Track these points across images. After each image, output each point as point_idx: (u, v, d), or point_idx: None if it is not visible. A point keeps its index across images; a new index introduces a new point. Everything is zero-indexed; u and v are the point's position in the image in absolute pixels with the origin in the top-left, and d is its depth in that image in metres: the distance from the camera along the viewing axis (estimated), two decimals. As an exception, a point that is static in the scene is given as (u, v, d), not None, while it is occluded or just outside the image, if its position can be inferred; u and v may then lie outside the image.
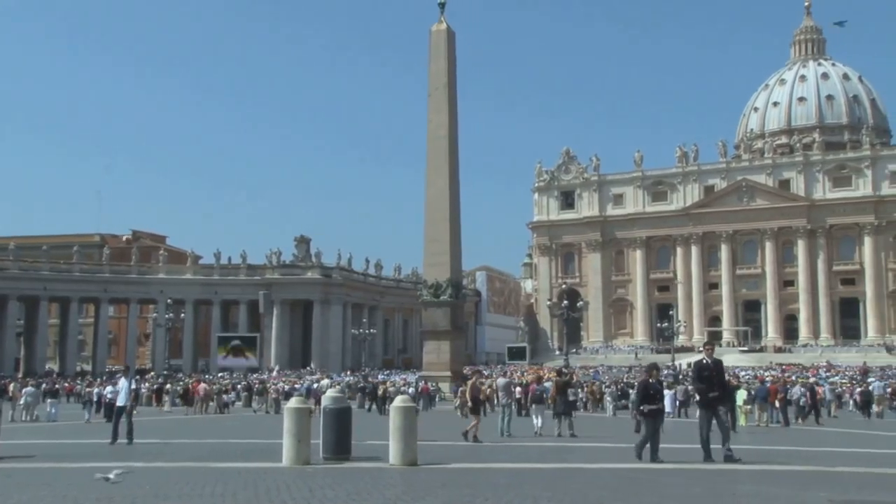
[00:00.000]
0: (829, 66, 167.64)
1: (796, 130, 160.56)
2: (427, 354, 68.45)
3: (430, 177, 68.19)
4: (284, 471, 16.12)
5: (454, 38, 69.96)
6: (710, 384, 18.72)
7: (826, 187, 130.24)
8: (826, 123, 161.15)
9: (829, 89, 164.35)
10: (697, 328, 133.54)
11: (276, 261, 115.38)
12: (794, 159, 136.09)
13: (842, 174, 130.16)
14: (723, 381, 19.42)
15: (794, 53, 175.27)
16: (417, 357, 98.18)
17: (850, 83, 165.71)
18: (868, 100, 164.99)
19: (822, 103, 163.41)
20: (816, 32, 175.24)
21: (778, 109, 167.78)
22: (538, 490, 13.51)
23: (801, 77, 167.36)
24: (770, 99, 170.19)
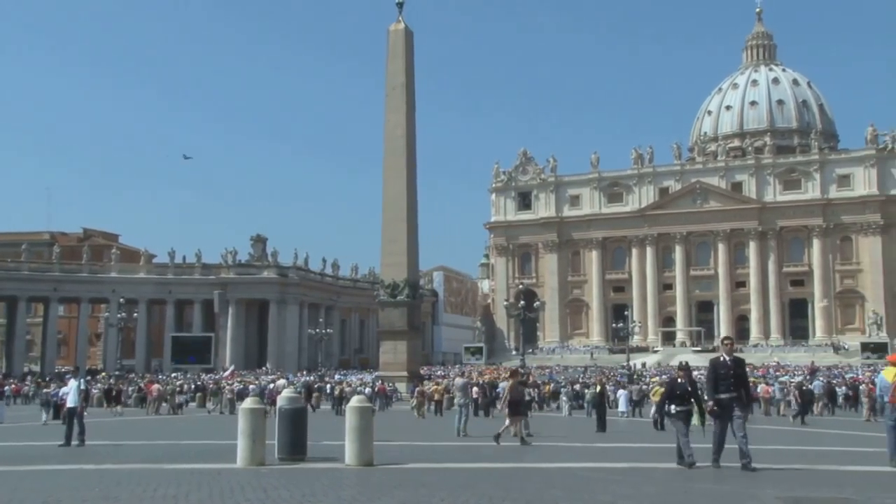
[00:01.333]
0: (779, 72, 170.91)
1: (748, 134, 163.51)
2: (384, 354, 68.35)
3: (387, 177, 68.11)
4: (239, 472, 15.97)
5: (412, 37, 69.91)
6: (727, 386, 16.48)
7: (777, 190, 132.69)
8: (777, 127, 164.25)
9: (779, 94, 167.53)
10: (652, 328, 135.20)
11: (231, 260, 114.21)
12: (746, 162, 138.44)
13: (791, 177, 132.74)
14: (744, 381, 17.04)
15: (747, 58, 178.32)
16: (374, 357, 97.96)
17: (800, 88, 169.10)
18: (816, 105, 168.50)
19: (774, 108, 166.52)
20: (767, 38, 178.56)
21: (731, 113, 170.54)
22: (494, 490, 13.57)
23: (753, 81, 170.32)
24: (723, 102, 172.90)
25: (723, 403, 16.42)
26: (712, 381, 16.74)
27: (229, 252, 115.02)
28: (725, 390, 16.42)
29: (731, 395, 16.41)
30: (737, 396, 16.48)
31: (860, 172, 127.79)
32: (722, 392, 16.46)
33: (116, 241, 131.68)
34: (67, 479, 15.57)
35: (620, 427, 36.53)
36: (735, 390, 16.47)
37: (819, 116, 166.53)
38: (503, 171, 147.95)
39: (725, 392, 16.42)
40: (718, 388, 16.54)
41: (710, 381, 16.84)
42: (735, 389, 16.47)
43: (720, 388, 16.51)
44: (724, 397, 16.41)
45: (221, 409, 50.00)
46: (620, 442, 27.42)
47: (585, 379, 67.68)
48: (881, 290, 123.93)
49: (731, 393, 16.41)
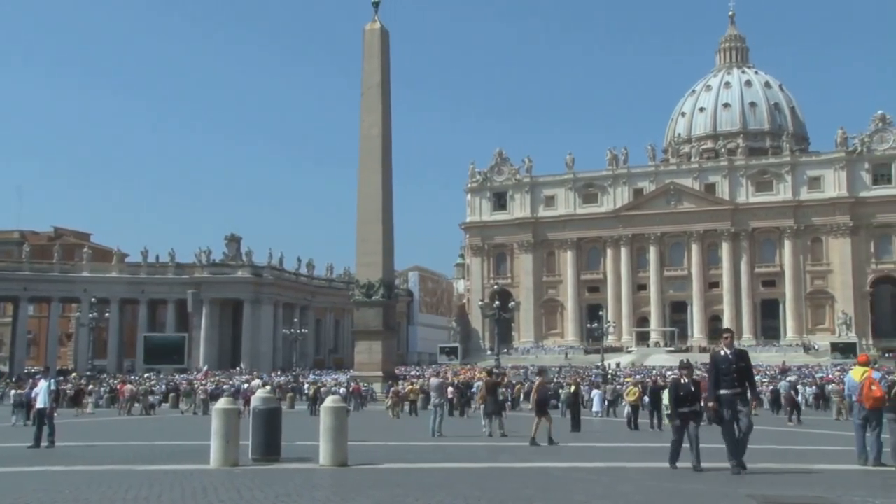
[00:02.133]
0: (752, 74, 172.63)
1: (721, 136, 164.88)
2: (359, 354, 68.24)
3: (362, 176, 68.00)
4: (212, 472, 15.86)
5: (388, 37, 69.87)
6: (730, 381, 15.52)
7: (749, 191, 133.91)
8: (749, 129, 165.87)
9: (752, 96, 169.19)
10: (626, 329, 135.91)
11: (205, 260, 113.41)
12: (719, 164, 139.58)
13: (764, 179, 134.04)
14: (748, 375, 15.85)
15: (720, 60, 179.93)
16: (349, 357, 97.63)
17: (772, 91, 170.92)
18: (788, 108, 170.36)
19: (746, 110, 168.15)
20: (740, 41, 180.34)
21: (704, 115, 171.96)
22: (469, 489, 13.57)
23: (726, 84, 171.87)
24: (697, 104, 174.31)
25: (725, 401, 15.45)
26: (713, 377, 15.83)
27: (203, 251, 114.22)
28: (728, 386, 15.47)
29: (733, 391, 15.43)
30: (740, 392, 15.50)
31: (830, 174, 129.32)
32: (724, 388, 15.52)
33: (88, 241, 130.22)
34: (36, 482, 15.37)
35: (594, 427, 36.73)
36: (739, 385, 15.50)
37: (790, 119, 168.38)
38: (479, 171, 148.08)
39: (728, 388, 15.47)
40: (720, 385, 15.61)
41: (711, 377, 15.92)
42: (739, 384, 15.51)
43: (722, 384, 15.57)
44: (726, 393, 15.46)
45: (195, 410, 49.67)
46: (595, 441, 27.56)
47: (560, 379, 67.94)
48: (850, 290, 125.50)
49: (735, 389, 15.44)
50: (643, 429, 33.65)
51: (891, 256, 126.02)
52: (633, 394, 35.87)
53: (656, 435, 31.58)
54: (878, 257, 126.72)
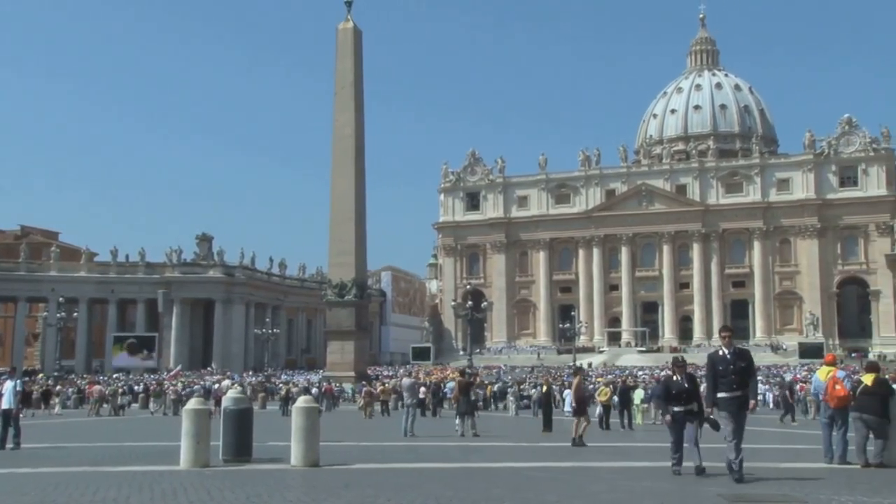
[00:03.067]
0: (722, 77, 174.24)
1: (692, 137, 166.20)
2: (331, 354, 68.12)
3: (335, 176, 67.84)
4: (182, 473, 15.71)
5: (361, 36, 69.75)
6: (729, 384, 14.27)
7: (719, 193, 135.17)
8: (720, 131, 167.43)
9: (722, 99, 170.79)
10: (598, 329, 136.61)
11: (176, 259, 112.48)
12: (690, 165, 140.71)
13: (734, 181, 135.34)
14: (750, 375, 14.53)
15: (691, 63, 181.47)
16: (321, 357, 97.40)
17: (742, 94, 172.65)
18: (757, 110, 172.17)
19: (717, 112, 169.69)
20: (711, 44, 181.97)
21: (675, 117, 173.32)
22: (441, 489, 13.57)
23: (696, 86, 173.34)
24: (668, 106, 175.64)
25: (724, 405, 14.31)
26: (711, 379, 14.61)
27: (174, 251, 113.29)
28: (726, 389, 14.25)
29: (732, 394, 14.20)
30: (741, 396, 14.24)
31: (798, 177, 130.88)
32: (723, 391, 14.32)
33: (56, 239, 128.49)
34: (1, 484, 15.13)
35: (566, 427, 36.83)
36: (738, 388, 14.22)
37: (760, 121, 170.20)
38: (452, 171, 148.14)
39: (726, 391, 14.25)
40: (718, 388, 14.41)
41: (709, 379, 14.71)
42: (738, 387, 14.22)
43: (720, 386, 14.36)
44: (724, 396, 14.27)
45: (165, 411, 49.24)
46: (566, 441, 27.65)
47: (532, 379, 68.19)
48: (818, 291, 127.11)
49: (734, 392, 14.20)
50: (614, 428, 33.85)
51: (857, 258, 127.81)
52: (605, 394, 36.05)
53: (627, 435, 31.79)
54: (845, 258, 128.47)
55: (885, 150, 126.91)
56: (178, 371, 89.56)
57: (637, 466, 18.25)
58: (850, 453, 17.18)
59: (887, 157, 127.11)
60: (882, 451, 16.67)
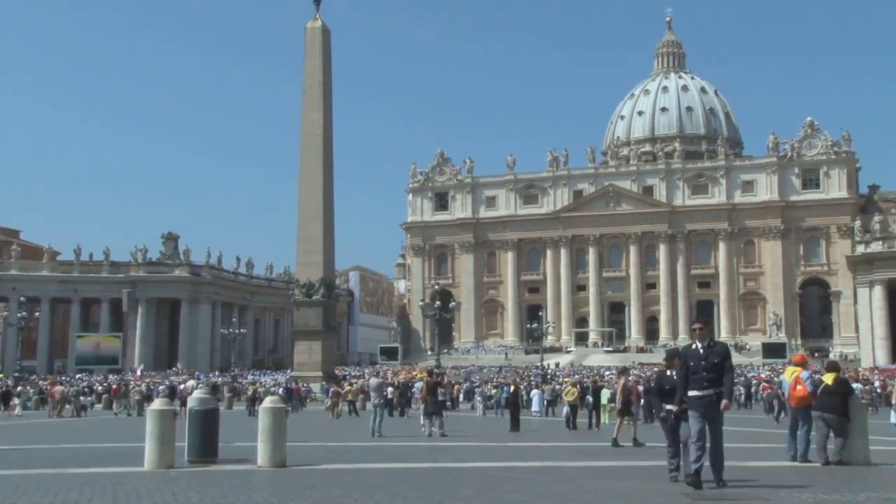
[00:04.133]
0: (688, 79, 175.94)
1: (659, 139, 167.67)
2: (298, 354, 67.78)
3: (303, 175, 67.50)
4: (146, 475, 15.55)
5: (329, 35, 69.49)
6: (700, 381, 13.20)
7: (685, 194, 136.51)
8: (686, 133, 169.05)
9: (688, 101, 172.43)
10: (566, 329, 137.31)
11: (141, 258, 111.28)
12: (656, 167, 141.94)
13: (699, 182, 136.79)
14: (724, 373, 13.30)
15: (658, 65, 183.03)
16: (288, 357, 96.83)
17: (708, 96, 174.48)
18: (723, 112, 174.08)
19: (683, 114, 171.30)
20: (677, 46, 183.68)
21: (642, 118, 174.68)
22: (408, 489, 13.56)
23: (663, 88, 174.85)
24: (635, 108, 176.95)
25: (694, 404, 13.23)
26: (682, 376, 13.55)
27: (139, 250, 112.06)
28: (697, 387, 13.18)
29: (704, 392, 13.12)
30: (715, 394, 13.14)
31: (763, 179, 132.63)
32: (693, 388, 13.25)
33: (17, 238, 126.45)
34: (-39, 486, 14.86)
35: (533, 427, 37.03)
36: (710, 385, 13.12)
37: (725, 124, 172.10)
38: (420, 171, 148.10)
39: (697, 389, 13.18)
40: (689, 385, 13.34)
41: (680, 376, 13.64)
42: (711, 384, 13.13)
43: (691, 384, 13.30)
44: (696, 395, 13.21)
45: (129, 411, 48.66)
46: (534, 441, 27.77)
47: (500, 379, 68.36)
48: (781, 292, 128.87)
49: (706, 390, 13.10)
50: (581, 428, 34.05)
51: (819, 259, 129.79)
52: (572, 394, 36.23)
53: (594, 434, 31.98)
54: (807, 260, 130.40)
55: (846, 154, 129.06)
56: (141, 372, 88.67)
57: (603, 466, 18.38)
58: (811, 452, 17.45)
59: (848, 161, 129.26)
60: (842, 450, 16.97)
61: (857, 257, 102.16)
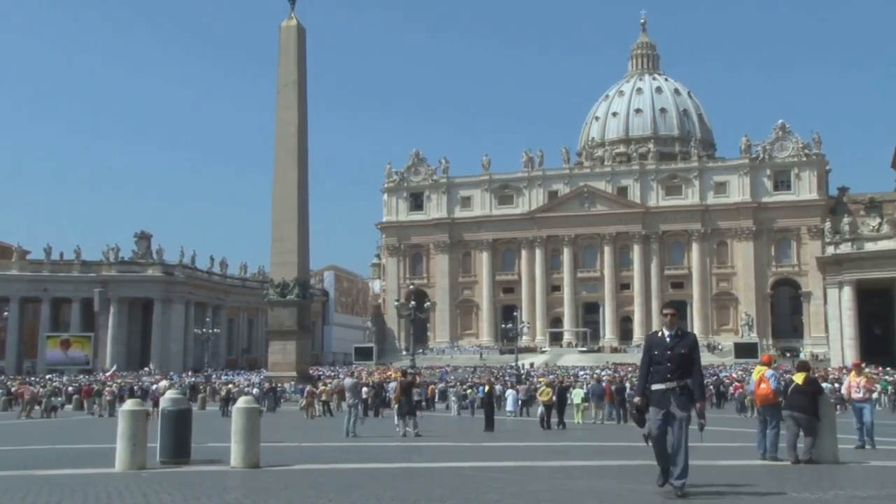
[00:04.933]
0: (662, 81, 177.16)
1: (633, 140, 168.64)
2: (272, 354, 67.57)
3: (278, 175, 67.27)
4: (117, 476, 15.40)
5: (304, 34, 69.25)
6: (663, 373, 11.67)
7: (659, 195, 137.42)
8: (660, 135, 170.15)
9: (662, 102, 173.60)
10: (540, 329, 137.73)
11: (113, 257, 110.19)
12: (631, 168, 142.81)
13: (673, 183, 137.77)
14: (692, 365, 11.78)
15: (632, 67, 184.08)
16: (263, 357, 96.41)
17: (681, 98, 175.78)
18: (696, 114, 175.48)
19: (657, 115, 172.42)
20: (651, 48, 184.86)
21: (617, 120, 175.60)
22: (382, 490, 13.54)
23: (637, 90, 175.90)
24: (610, 109, 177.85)
25: (655, 398, 11.67)
26: (644, 365, 12.09)
27: (111, 249, 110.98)
28: (660, 379, 11.67)
29: (667, 385, 11.60)
30: (678, 388, 11.59)
31: (735, 180, 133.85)
32: (656, 381, 11.75)
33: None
34: (-72, 488, 14.64)
35: (508, 426, 37.13)
36: (675, 378, 11.62)
37: (698, 125, 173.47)
38: (395, 171, 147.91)
39: (660, 381, 11.66)
40: (651, 377, 11.87)
41: (642, 366, 12.17)
42: (675, 377, 11.62)
43: (653, 375, 11.83)
44: (659, 388, 11.66)
45: (100, 412, 48.18)
46: (508, 441, 27.84)
47: (475, 379, 68.47)
48: (753, 292, 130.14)
49: (669, 383, 11.60)
50: (555, 428, 34.19)
51: (790, 260, 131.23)
52: (546, 394, 36.35)
53: (565, 434, 32.12)
54: (779, 261, 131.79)
55: (817, 156, 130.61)
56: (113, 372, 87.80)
57: (577, 465, 18.46)
58: (781, 450, 17.65)
59: (818, 163, 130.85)
60: (811, 448, 17.20)
61: (827, 258, 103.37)
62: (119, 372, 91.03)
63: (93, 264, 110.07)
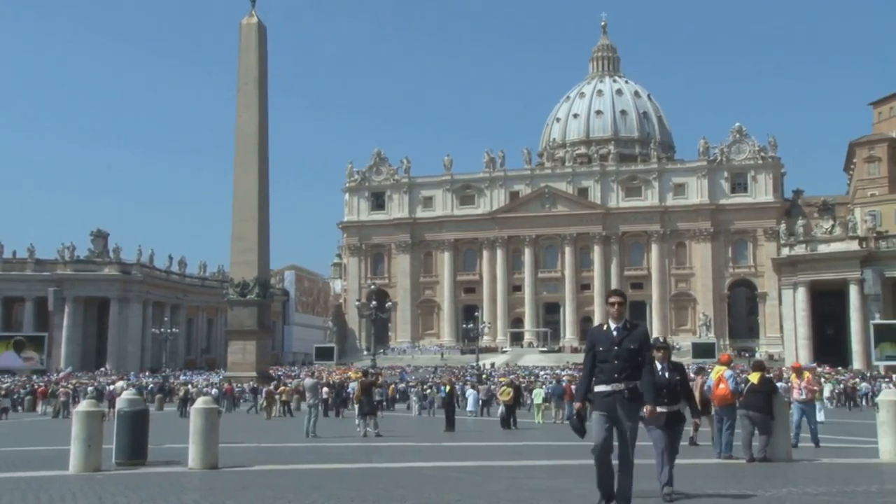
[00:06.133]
0: (623, 83, 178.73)
1: (594, 142, 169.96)
2: (232, 354, 67.06)
3: (238, 173, 66.85)
4: (71, 478, 15.16)
5: (265, 32, 68.82)
6: (610, 372, 9.99)
7: (619, 196, 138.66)
8: (620, 136, 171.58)
9: (622, 104, 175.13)
10: (501, 329, 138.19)
11: (69, 256, 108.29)
12: (591, 169, 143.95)
13: (633, 185, 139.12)
14: (642, 363, 10.09)
15: (593, 69, 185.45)
16: (222, 357, 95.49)
17: (641, 100, 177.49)
18: (656, 117, 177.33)
19: (617, 117, 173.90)
20: (612, 51, 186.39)
21: (578, 121, 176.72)
22: (342, 490, 13.51)
23: (598, 91, 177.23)
24: (571, 110, 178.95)
25: (600, 402, 10.02)
26: (587, 364, 10.35)
27: (66, 247, 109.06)
28: (606, 380, 10.00)
29: (613, 387, 9.92)
30: (627, 390, 9.92)
31: (693, 182, 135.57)
32: (600, 382, 10.07)
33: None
34: None
35: (469, 426, 37.23)
36: (623, 379, 9.94)
37: (658, 127, 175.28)
38: (357, 171, 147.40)
39: (605, 382, 10.00)
40: (596, 377, 10.15)
41: (585, 364, 10.42)
42: (623, 378, 9.94)
43: (598, 375, 10.12)
44: (604, 390, 9.99)
45: (55, 413, 47.39)
46: (469, 441, 27.92)
47: (436, 379, 68.55)
48: (710, 293, 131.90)
49: (616, 384, 9.92)
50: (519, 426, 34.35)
51: (746, 261, 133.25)
52: (507, 394, 36.50)
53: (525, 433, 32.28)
54: (736, 262, 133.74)
55: (773, 159, 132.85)
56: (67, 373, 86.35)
57: (537, 465, 18.59)
58: (736, 449, 17.94)
59: (774, 165, 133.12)
60: (766, 447, 17.52)
61: (782, 260, 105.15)
62: (74, 373, 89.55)
63: (47, 263, 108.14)
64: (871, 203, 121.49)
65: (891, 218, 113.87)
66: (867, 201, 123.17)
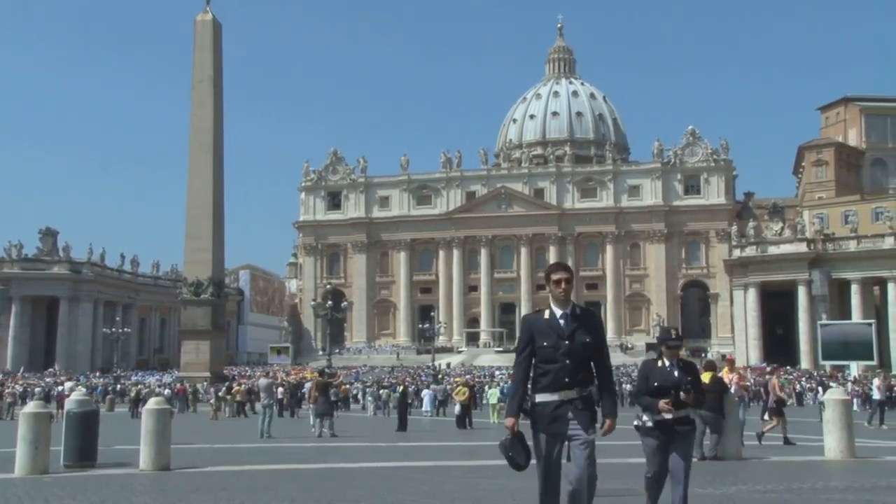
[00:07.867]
0: (578, 85, 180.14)
1: (550, 143, 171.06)
2: (185, 354, 66.36)
3: (192, 172, 66.18)
4: (17, 481, 14.85)
5: (220, 29, 68.17)
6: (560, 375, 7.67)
7: (575, 197, 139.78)
8: (576, 138, 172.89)
9: (578, 106, 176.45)
10: (457, 329, 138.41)
11: (16, 254, 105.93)
12: (547, 170, 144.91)
13: (588, 186, 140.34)
14: (598, 361, 7.90)
15: (549, 70, 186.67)
16: (175, 357, 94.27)
17: (597, 102, 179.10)
18: (611, 118, 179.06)
19: (573, 119, 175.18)
20: (568, 52, 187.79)
21: (534, 122, 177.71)
22: (296, 491, 13.44)
23: (554, 93, 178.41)
24: (527, 111, 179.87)
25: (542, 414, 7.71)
26: (522, 366, 7.89)
27: (14, 245, 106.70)
28: (552, 386, 7.67)
29: (562, 396, 7.63)
30: (581, 399, 7.66)
31: (648, 184, 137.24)
32: (544, 388, 7.71)
33: None
34: None
35: (424, 426, 37.27)
36: (574, 385, 7.65)
37: (613, 129, 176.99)
38: (313, 170, 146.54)
39: (551, 389, 7.67)
40: (536, 383, 7.79)
41: (520, 366, 7.91)
42: (575, 383, 7.65)
43: (539, 381, 7.76)
44: (550, 401, 7.66)
45: (2, 415, 46.35)
46: (423, 441, 27.95)
47: (391, 379, 68.48)
48: (664, 293, 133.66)
49: (566, 391, 7.62)
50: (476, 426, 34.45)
51: (699, 262, 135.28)
52: (463, 394, 36.58)
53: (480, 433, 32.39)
54: (689, 263, 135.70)
55: (725, 161, 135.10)
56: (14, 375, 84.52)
57: (492, 465, 18.63)
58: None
59: (726, 168, 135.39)
60: (717, 445, 17.83)
61: (734, 261, 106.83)
62: (22, 373, 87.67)
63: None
64: (818, 206, 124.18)
65: (837, 220, 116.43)
66: (815, 204, 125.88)
